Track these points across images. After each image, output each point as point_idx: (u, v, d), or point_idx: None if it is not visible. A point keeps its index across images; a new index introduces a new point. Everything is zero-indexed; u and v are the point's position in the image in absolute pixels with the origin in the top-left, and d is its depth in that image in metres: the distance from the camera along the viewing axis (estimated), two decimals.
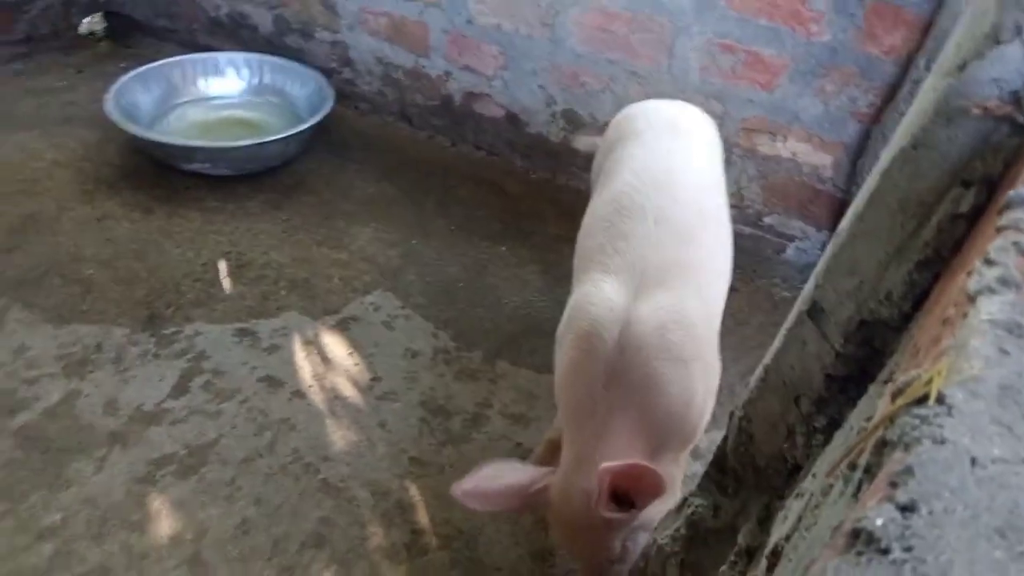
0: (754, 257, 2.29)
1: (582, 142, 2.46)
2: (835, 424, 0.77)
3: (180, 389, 1.74)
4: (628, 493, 1.11)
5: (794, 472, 0.83)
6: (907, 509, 0.28)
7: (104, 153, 2.47)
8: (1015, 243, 0.45)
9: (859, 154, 2.04)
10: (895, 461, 0.30)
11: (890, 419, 0.34)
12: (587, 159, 2.39)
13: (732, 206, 1.71)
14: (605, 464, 1.06)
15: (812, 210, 2.21)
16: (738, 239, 1.46)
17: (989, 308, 0.40)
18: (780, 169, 2.19)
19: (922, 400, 0.34)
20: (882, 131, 1.94)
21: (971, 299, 0.43)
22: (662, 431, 1.20)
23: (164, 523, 1.47)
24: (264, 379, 1.79)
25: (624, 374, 1.17)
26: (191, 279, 2.04)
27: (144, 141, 2.30)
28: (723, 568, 0.90)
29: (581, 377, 1.20)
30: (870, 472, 0.33)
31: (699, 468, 1.65)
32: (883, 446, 0.33)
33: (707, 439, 1.63)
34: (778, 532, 0.68)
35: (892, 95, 1.92)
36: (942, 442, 0.31)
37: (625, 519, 1.12)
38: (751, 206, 2.29)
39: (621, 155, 1.48)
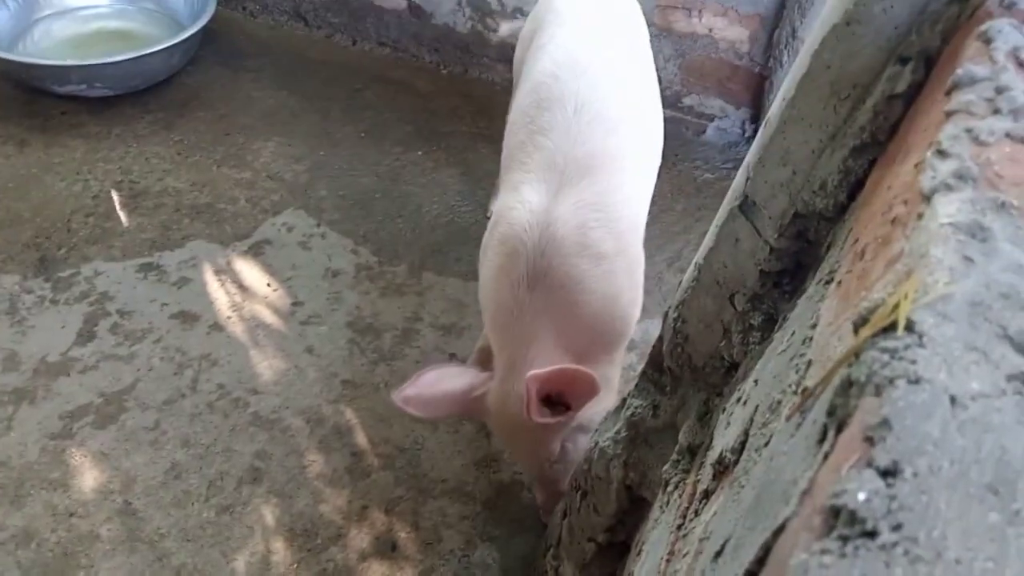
0: (674, 140, 2.24)
1: None
2: (771, 319, 0.75)
3: (86, 335, 1.63)
4: (562, 396, 1.11)
5: (731, 369, 0.82)
6: (889, 473, 0.24)
7: None
8: (968, 129, 0.41)
9: (775, 25, 1.98)
10: (868, 411, 0.26)
11: (855, 354, 0.30)
12: (499, 49, 2.26)
13: None
14: (531, 372, 1.05)
15: (731, 87, 2.17)
16: None
17: (947, 209, 0.36)
18: (697, 47, 2.12)
19: (889, 328, 0.30)
20: (797, 0, 1.89)
21: (925, 198, 0.38)
22: (590, 330, 1.19)
23: (87, 477, 1.40)
24: (177, 315, 1.69)
25: (546, 275, 1.15)
26: (82, 215, 1.88)
27: (6, 63, 2.06)
28: (666, 467, 0.90)
29: (504, 282, 1.18)
30: (834, 415, 0.30)
31: (633, 359, 1.66)
32: (849, 386, 0.29)
33: (639, 329, 1.63)
34: (722, 440, 0.66)
35: None
36: (916, 381, 0.27)
37: (561, 422, 1.13)
38: (669, 88, 2.23)
39: (541, 42, 1.39)
